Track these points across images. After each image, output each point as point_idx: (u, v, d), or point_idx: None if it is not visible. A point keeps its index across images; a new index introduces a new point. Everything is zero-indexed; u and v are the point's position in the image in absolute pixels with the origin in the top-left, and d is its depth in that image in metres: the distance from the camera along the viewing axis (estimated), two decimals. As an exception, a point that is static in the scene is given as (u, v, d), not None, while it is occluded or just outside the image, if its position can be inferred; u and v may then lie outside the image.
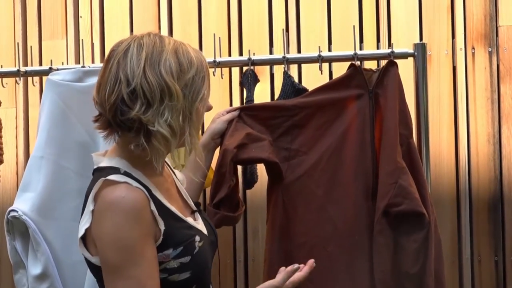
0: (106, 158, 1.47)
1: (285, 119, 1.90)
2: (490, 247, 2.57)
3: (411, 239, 1.80)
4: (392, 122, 1.86)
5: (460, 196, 2.57)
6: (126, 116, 1.39)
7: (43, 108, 2.02)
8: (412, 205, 1.79)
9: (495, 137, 2.57)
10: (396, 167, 1.82)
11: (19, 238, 1.98)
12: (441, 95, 2.58)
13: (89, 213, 1.39)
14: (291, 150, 1.89)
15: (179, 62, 1.42)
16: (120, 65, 1.40)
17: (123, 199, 1.36)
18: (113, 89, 1.40)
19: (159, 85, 1.38)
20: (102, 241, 1.37)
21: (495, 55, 2.59)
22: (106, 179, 1.39)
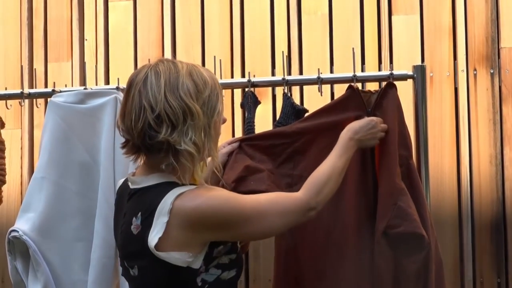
0: (150, 177, 1.56)
1: (286, 146, 1.91)
2: (492, 269, 2.55)
3: (411, 260, 1.79)
4: (391, 143, 1.86)
5: (462, 217, 2.56)
6: (154, 140, 1.51)
7: (45, 130, 2.05)
8: (411, 226, 1.79)
9: (497, 158, 2.57)
10: (395, 188, 1.82)
11: (20, 258, 2.00)
12: (443, 116, 2.59)
13: (163, 224, 1.49)
14: (293, 176, 1.90)
15: (195, 83, 1.54)
16: (142, 94, 1.51)
17: (208, 195, 1.52)
18: (139, 117, 1.51)
19: (180, 108, 1.50)
20: (219, 229, 1.52)
21: (497, 76, 2.59)
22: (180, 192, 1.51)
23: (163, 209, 1.49)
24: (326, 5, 2.67)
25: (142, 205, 1.53)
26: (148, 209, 1.51)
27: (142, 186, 1.56)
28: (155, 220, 1.49)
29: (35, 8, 2.83)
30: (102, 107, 2.03)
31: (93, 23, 2.78)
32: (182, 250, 1.49)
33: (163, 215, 1.49)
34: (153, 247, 1.49)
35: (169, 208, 1.48)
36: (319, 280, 1.87)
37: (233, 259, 1.57)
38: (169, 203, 1.49)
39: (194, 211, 1.49)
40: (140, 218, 1.52)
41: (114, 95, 2.03)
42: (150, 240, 1.49)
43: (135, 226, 1.53)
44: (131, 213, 1.55)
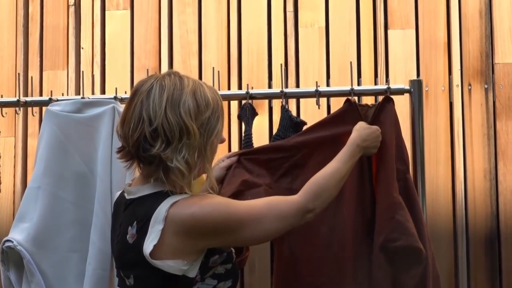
0: (145, 187, 1.57)
1: (284, 160, 1.92)
2: (487, 283, 2.56)
3: (409, 275, 1.79)
4: (389, 157, 1.87)
5: (457, 232, 2.57)
6: (147, 153, 1.51)
7: (42, 138, 2.03)
8: (409, 240, 1.79)
9: (492, 173, 2.58)
10: (392, 202, 1.82)
11: (14, 269, 1.97)
12: (437, 130, 2.60)
13: (158, 232, 1.49)
14: (292, 190, 1.89)
15: (197, 103, 1.54)
16: (144, 105, 1.52)
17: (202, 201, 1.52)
18: (137, 127, 1.52)
19: (178, 125, 1.51)
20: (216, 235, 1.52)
21: (491, 91, 2.61)
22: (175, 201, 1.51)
23: (158, 217, 1.50)
24: (323, 18, 2.68)
25: (138, 214, 1.54)
26: (144, 217, 1.52)
27: (137, 196, 1.57)
28: (150, 228, 1.50)
29: (31, 15, 2.82)
30: (99, 117, 2.01)
31: (90, 31, 2.77)
32: (177, 258, 1.50)
33: (158, 222, 1.49)
34: (148, 254, 1.49)
35: (164, 216, 1.49)
36: None
37: (229, 269, 1.58)
38: (164, 211, 1.50)
39: (189, 217, 1.49)
40: (135, 227, 1.53)
41: (112, 104, 2.01)
42: (145, 248, 1.50)
43: (130, 235, 1.53)
44: (127, 223, 1.56)
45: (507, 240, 2.55)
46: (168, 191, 1.54)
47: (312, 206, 1.62)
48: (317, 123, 1.96)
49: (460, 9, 2.64)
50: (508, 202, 2.56)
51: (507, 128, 2.59)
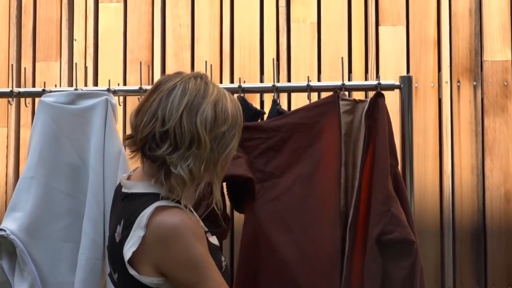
0: (141, 184, 1.53)
1: (262, 141, 1.94)
2: (472, 277, 2.61)
3: (399, 266, 1.82)
4: (383, 153, 1.89)
5: (443, 226, 2.61)
6: (153, 152, 1.47)
7: (35, 129, 2.04)
8: (403, 233, 1.82)
9: (479, 169, 2.62)
10: (388, 196, 1.85)
11: (6, 257, 1.99)
12: (426, 126, 2.64)
13: (138, 238, 1.45)
14: (265, 173, 1.93)
15: (215, 115, 1.48)
16: (161, 103, 1.47)
17: (183, 222, 1.46)
18: (149, 123, 1.47)
19: (190, 133, 1.45)
20: (173, 264, 1.45)
21: (479, 88, 2.65)
22: (159, 206, 1.46)
23: (141, 223, 1.46)
24: (314, 14, 2.71)
25: (125, 213, 1.51)
26: (129, 218, 1.49)
27: (131, 192, 1.54)
28: (132, 231, 1.47)
29: (24, 7, 2.83)
30: (92, 109, 2.02)
31: (83, 24, 2.78)
32: (153, 273, 1.46)
33: (141, 228, 1.46)
34: (126, 261, 1.47)
35: (145, 223, 1.45)
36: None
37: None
38: (146, 218, 1.45)
39: (166, 230, 1.44)
40: (122, 226, 1.51)
41: (105, 96, 2.03)
42: (125, 252, 1.47)
43: (117, 234, 1.52)
44: (117, 219, 1.54)
45: (492, 234, 2.60)
46: (159, 194, 1.49)
47: None
48: (298, 109, 2.00)
49: (450, 7, 2.68)
50: (494, 198, 2.61)
51: (495, 125, 2.63)
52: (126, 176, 1.63)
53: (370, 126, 1.93)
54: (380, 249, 1.83)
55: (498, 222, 2.60)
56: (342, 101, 1.95)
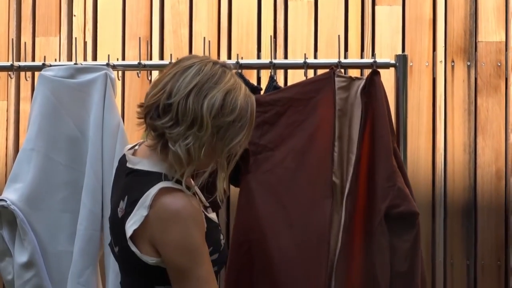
0: (146, 161, 1.55)
1: (257, 115, 1.94)
2: (462, 252, 2.66)
3: (403, 239, 1.87)
4: (384, 129, 1.92)
5: (435, 202, 2.66)
6: (153, 122, 1.49)
7: (35, 102, 2.06)
8: (409, 206, 1.88)
9: (471, 147, 2.67)
10: (393, 171, 1.89)
11: (7, 227, 2.02)
12: (420, 105, 2.68)
13: (141, 217, 1.47)
14: (258, 145, 1.96)
15: (223, 104, 1.47)
16: (173, 79, 1.49)
17: (185, 207, 1.48)
18: (156, 94, 1.50)
19: (194, 113, 1.46)
20: (169, 247, 1.48)
21: (473, 69, 2.68)
22: (164, 187, 1.48)
23: (145, 203, 1.48)
24: (312, -8, 2.73)
25: (130, 190, 1.53)
26: (133, 196, 1.50)
27: (135, 168, 1.55)
28: (136, 209, 1.49)
29: (24, -18, 2.84)
30: (92, 83, 2.04)
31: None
32: (152, 252, 1.49)
33: (144, 208, 1.48)
34: (128, 237, 1.49)
35: (149, 204, 1.47)
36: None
37: (214, 259, 1.56)
38: (150, 198, 1.47)
39: (169, 213, 1.46)
40: (125, 202, 1.52)
41: (104, 71, 2.05)
42: (127, 229, 1.50)
43: (120, 209, 1.54)
44: (121, 195, 1.56)
45: (483, 211, 2.65)
46: (164, 174, 1.51)
47: None
48: (294, 84, 2.03)
49: (446, -12, 2.70)
50: (485, 175, 2.66)
51: (487, 104, 2.67)
52: (131, 150, 1.63)
53: (367, 103, 1.96)
54: (388, 223, 1.88)
55: (488, 199, 2.65)
56: (337, 78, 1.98)
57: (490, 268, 2.65)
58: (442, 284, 2.65)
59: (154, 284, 1.54)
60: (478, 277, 2.65)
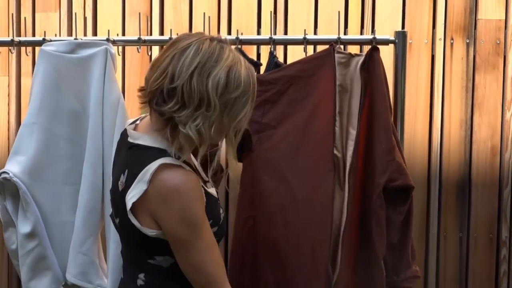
0: (147, 137, 1.56)
1: (259, 94, 1.96)
2: (455, 225, 2.71)
3: (397, 211, 1.92)
4: (383, 104, 1.94)
5: (431, 177, 2.70)
6: (159, 108, 1.50)
7: (36, 77, 2.07)
8: (406, 180, 1.91)
9: (467, 124, 2.69)
10: (392, 145, 1.92)
11: (10, 199, 2.05)
12: (418, 81, 2.69)
13: (140, 191, 1.50)
14: (261, 124, 1.98)
15: (228, 81, 1.48)
16: (173, 61, 1.49)
17: (185, 183, 1.49)
18: (158, 79, 1.49)
19: (200, 93, 1.46)
20: (171, 221, 1.50)
21: (472, 46, 2.69)
22: (164, 163, 1.49)
23: (144, 177, 1.49)
24: (312, -32, 2.73)
25: (131, 164, 1.55)
26: (134, 170, 1.52)
27: (137, 143, 1.57)
28: (135, 183, 1.51)
29: (24, -43, 2.83)
30: (92, 58, 2.04)
31: (82, -26, 2.80)
32: (150, 226, 1.52)
33: (143, 182, 1.49)
34: (128, 209, 1.52)
35: (149, 179, 1.49)
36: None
37: (215, 232, 1.59)
38: (150, 174, 1.49)
39: (168, 189, 1.48)
40: (126, 176, 1.55)
41: (104, 46, 2.05)
42: (127, 201, 1.52)
43: (121, 183, 1.56)
44: (121, 168, 1.58)
45: (477, 187, 2.68)
46: (165, 150, 1.52)
47: None
48: (294, 62, 2.03)
49: (447, -35, 2.70)
50: (480, 152, 2.69)
51: (485, 82, 2.69)
52: (132, 125, 1.65)
53: (366, 79, 1.97)
54: (385, 196, 1.91)
55: (483, 175, 2.69)
56: (337, 54, 1.99)
57: (482, 240, 2.70)
58: (435, 255, 2.71)
59: (154, 254, 1.57)
60: (470, 249, 2.71)
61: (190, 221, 1.51)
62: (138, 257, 1.60)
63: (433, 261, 2.71)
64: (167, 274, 1.58)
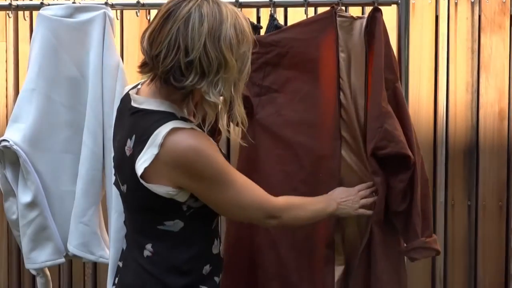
0: (152, 101, 1.55)
1: (259, 56, 1.95)
2: (464, 193, 2.68)
3: (398, 179, 1.88)
4: (378, 67, 1.90)
5: (437, 143, 2.67)
6: (180, 83, 1.49)
7: (34, 42, 2.04)
8: (397, 147, 1.87)
9: (474, 86, 2.65)
10: (381, 112, 1.88)
11: (10, 167, 2.03)
12: (423, 43, 2.65)
13: (151, 155, 1.50)
14: (262, 87, 1.95)
15: (237, 38, 1.50)
16: (180, 33, 1.47)
17: (201, 142, 1.51)
18: (171, 55, 1.47)
19: (217, 59, 1.47)
20: (197, 183, 1.52)
21: (477, 5, 2.64)
22: (175, 127, 1.50)
23: (155, 141, 1.49)
24: None
25: (138, 128, 1.54)
26: (143, 135, 1.51)
27: (142, 107, 1.55)
28: (146, 148, 1.51)
29: None
30: (90, 22, 2.01)
31: None
32: (166, 184, 1.52)
33: (154, 146, 1.49)
34: (139, 175, 1.51)
35: (160, 142, 1.48)
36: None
37: None
38: (161, 137, 1.48)
39: (184, 151, 1.49)
40: (133, 141, 1.53)
41: (103, 10, 2.02)
42: (138, 167, 1.51)
43: (128, 148, 1.55)
44: (127, 133, 1.57)
45: (484, 152, 2.65)
46: (173, 113, 1.52)
47: (279, 215, 1.65)
48: (295, 24, 2.00)
49: None
50: (488, 116, 2.65)
51: (491, 42, 2.64)
52: (134, 90, 1.63)
53: (370, 42, 1.94)
54: (379, 162, 1.88)
55: (491, 139, 2.65)
56: (339, 18, 1.95)
57: (491, 209, 2.67)
58: (443, 225, 2.68)
59: (163, 219, 1.57)
60: (479, 218, 2.68)
61: (216, 175, 1.52)
62: (146, 224, 1.59)
63: (440, 231, 2.69)
64: (176, 241, 1.58)
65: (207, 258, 1.62)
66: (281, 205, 1.67)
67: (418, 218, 1.88)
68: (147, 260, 1.59)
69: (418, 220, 1.88)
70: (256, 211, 1.62)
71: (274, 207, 1.65)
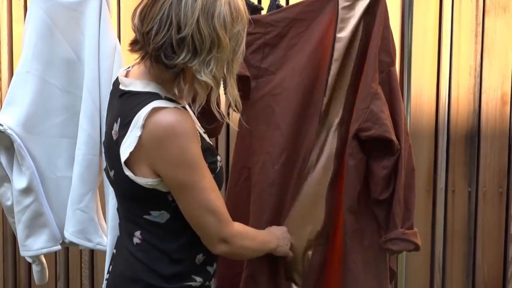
0: (139, 82, 1.52)
1: (259, 36, 1.91)
2: (464, 178, 2.65)
3: (381, 165, 1.82)
4: (372, 48, 1.86)
5: (438, 128, 2.63)
6: (171, 61, 1.45)
7: (28, 23, 2.00)
8: (381, 130, 1.81)
9: (477, 70, 2.61)
10: (369, 92, 1.82)
11: (4, 152, 2.00)
12: (426, 26, 2.60)
13: (135, 138, 1.46)
14: (260, 69, 1.92)
15: (231, 16, 1.46)
16: (173, 9, 1.43)
17: (179, 121, 1.46)
18: (163, 31, 1.44)
19: (210, 36, 1.44)
20: (168, 164, 1.47)
21: (482, -13, 2.59)
22: (156, 106, 1.46)
23: (138, 123, 1.46)
24: None
25: (122, 111, 1.52)
26: (126, 117, 1.49)
27: (128, 89, 1.53)
28: (129, 131, 1.48)
29: None
30: (86, 1, 1.97)
31: None
32: (146, 175, 1.48)
33: (137, 128, 1.46)
34: (123, 162, 1.48)
35: (142, 123, 1.46)
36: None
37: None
38: (143, 118, 1.45)
39: (163, 130, 1.45)
40: (118, 124, 1.51)
41: (99, -10, 1.99)
42: (122, 152, 1.49)
43: (114, 132, 1.53)
44: (114, 117, 1.54)
45: (486, 137, 2.62)
46: (157, 94, 1.49)
47: (230, 239, 1.56)
48: (296, 4, 1.95)
49: None
50: (490, 100, 2.61)
51: (495, 25, 2.59)
52: (124, 72, 1.60)
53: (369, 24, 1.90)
54: (361, 145, 1.83)
55: (493, 125, 2.62)
56: None
57: (491, 195, 2.64)
58: (443, 211, 2.65)
59: (149, 209, 1.54)
60: (479, 204, 2.64)
61: (190, 161, 1.48)
62: (134, 212, 1.57)
63: (440, 217, 2.66)
64: (164, 231, 1.55)
65: (200, 248, 1.58)
66: (236, 231, 1.58)
67: (399, 208, 1.81)
68: (136, 247, 1.57)
69: (399, 209, 1.81)
70: (213, 220, 1.53)
71: (231, 230, 1.57)
